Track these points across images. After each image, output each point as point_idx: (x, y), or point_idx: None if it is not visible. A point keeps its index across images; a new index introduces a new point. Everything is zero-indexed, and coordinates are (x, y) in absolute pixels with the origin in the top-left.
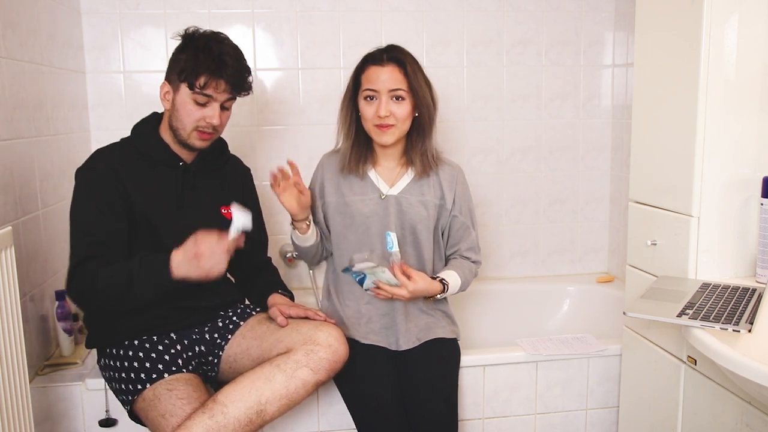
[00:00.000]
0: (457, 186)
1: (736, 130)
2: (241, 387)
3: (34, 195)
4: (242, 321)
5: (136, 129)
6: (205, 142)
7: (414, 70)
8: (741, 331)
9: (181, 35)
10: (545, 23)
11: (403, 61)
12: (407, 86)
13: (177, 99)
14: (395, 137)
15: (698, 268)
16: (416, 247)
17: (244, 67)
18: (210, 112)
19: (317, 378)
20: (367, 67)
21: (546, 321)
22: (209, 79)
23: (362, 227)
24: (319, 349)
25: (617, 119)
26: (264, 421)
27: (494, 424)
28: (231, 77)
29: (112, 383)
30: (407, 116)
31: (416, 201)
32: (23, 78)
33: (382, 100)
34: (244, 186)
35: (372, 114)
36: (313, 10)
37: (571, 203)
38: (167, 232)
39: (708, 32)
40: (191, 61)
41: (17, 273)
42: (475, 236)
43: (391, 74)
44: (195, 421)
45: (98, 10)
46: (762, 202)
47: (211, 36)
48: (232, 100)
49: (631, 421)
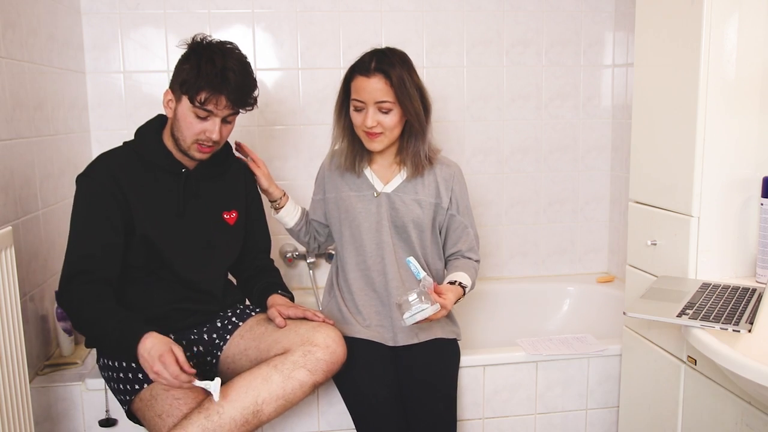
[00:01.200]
0: (455, 184)
1: (736, 130)
2: (238, 387)
3: (34, 195)
4: (241, 322)
5: (140, 133)
6: (204, 155)
7: (402, 80)
8: (741, 331)
9: (188, 43)
10: (545, 23)
11: (388, 72)
12: (393, 98)
13: (179, 109)
14: (384, 145)
15: (698, 268)
16: (407, 244)
17: (249, 82)
18: (210, 127)
19: (314, 379)
20: (354, 76)
21: (546, 321)
22: (210, 95)
23: (355, 222)
24: (316, 350)
25: (617, 119)
26: (260, 422)
27: (494, 424)
28: (233, 93)
29: (110, 383)
30: (395, 125)
31: (410, 199)
32: (23, 78)
33: (369, 111)
34: (248, 189)
35: (360, 123)
36: (313, 10)
37: (571, 203)
38: (167, 241)
39: (708, 32)
40: (193, 74)
41: (17, 273)
42: (474, 235)
43: (377, 86)
44: (191, 421)
45: (98, 10)
46: (762, 202)
47: (217, 47)
48: (234, 115)
49: (631, 421)
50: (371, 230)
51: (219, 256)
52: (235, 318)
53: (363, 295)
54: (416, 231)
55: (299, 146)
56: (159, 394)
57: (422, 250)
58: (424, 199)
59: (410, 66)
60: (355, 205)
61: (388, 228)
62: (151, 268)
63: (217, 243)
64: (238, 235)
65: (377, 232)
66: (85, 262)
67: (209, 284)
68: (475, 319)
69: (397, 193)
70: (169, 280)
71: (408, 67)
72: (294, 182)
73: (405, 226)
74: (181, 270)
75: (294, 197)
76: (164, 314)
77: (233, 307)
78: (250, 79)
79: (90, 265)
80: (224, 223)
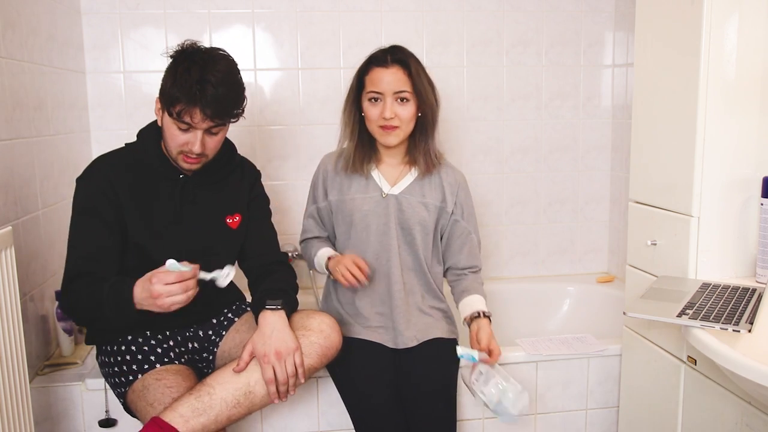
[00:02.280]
0: (460, 190)
1: (736, 130)
2: (230, 370)
3: (34, 195)
4: (237, 317)
5: (141, 135)
6: (193, 166)
7: (418, 72)
8: (741, 331)
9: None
10: (545, 23)
11: (407, 62)
12: (411, 88)
13: (164, 119)
14: (399, 138)
15: (698, 268)
16: (413, 247)
17: (230, 94)
18: (191, 139)
19: (308, 362)
20: (371, 68)
21: (546, 321)
22: (184, 107)
23: (361, 225)
24: (310, 333)
25: (617, 119)
26: (252, 404)
27: (494, 424)
28: (209, 106)
29: (108, 378)
30: (411, 117)
31: (416, 201)
32: (23, 78)
33: (387, 102)
34: (252, 191)
35: (377, 115)
36: (313, 10)
37: (571, 203)
38: (159, 249)
39: (708, 32)
40: (169, 84)
41: (17, 273)
42: (477, 241)
43: (396, 76)
44: (181, 402)
45: (98, 10)
46: (762, 202)
47: (200, 56)
48: (219, 127)
49: (631, 421)
50: (378, 232)
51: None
52: (231, 314)
53: (364, 297)
54: (422, 233)
55: (299, 146)
56: (151, 384)
57: (425, 252)
58: (430, 202)
59: (422, 64)
60: (361, 207)
61: (394, 230)
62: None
63: (217, 249)
64: (241, 239)
65: (384, 234)
66: (85, 264)
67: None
68: None
69: (404, 195)
70: None
71: (421, 64)
72: (294, 182)
73: (411, 229)
74: None
75: (294, 197)
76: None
77: (230, 305)
78: (233, 91)
79: (89, 267)
80: (226, 227)
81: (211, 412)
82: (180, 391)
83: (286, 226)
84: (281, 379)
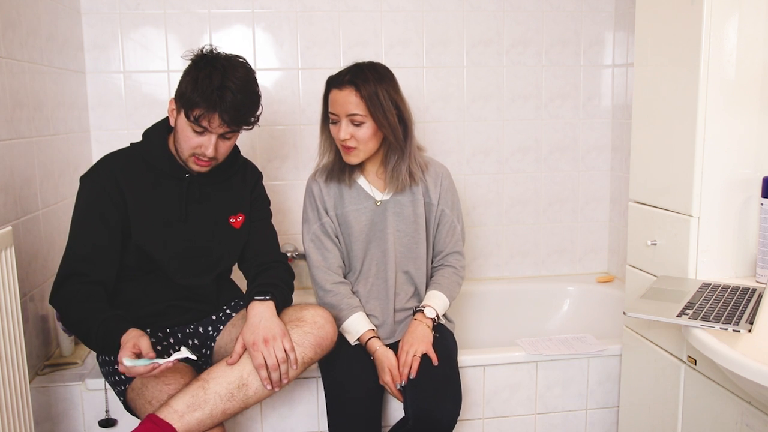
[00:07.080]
0: (443, 181)
1: (736, 130)
2: (224, 364)
3: (34, 195)
4: (234, 313)
5: (147, 135)
6: (202, 168)
7: (373, 93)
8: (741, 331)
9: (195, 54)
10: (545, 23)
11: (359, 84)
12: (365, 110)
13: (178, 121)
14: (360, 158)
15: (698, 268)
16: (413, 247)
17: (248, 101)
18: (206, 142)
19: (303, 353)
20: (330, 89)
21: (546, 321)
22: (203, 112)
23: (362, 236)
24: (304, 324)
25: (617, 119)
26: (247, 396)
27: (494, 424)
28: (227, 112)
29: (108, 377)
30: (370, 138)
31: (407, 201)
32: (23, 78)
33: (342, 123)
34: (253, 192)
35: (335, 136)
36: (313, 10)
37: (571, 203)
38: (162, 249)
39: (708, 32)
40: (190, 88)
41: (17, 273)
42: (461, 230)
43: (348, 98)
44: (176, 398)
45: (98, 10)
46: (762, 202)
47: (221, 62)
48: (233, 132)
49: (631, 421)
50: (377, 239)
51: (218, 261)
52: (229, 310)
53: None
54: (420, 232)
55: (299, 146)
56: (149, 382)
57: (423, 249)
58: (419, 199)
59: (389, 81)
60: (358, 219)
61: (393, 234)
62: (148, 270)
63: (219, 248)
64: (243, 239)
65: (383, 240)
66: (80, 264)
67: (205, 289)
68: (475, 319)
69: (396, 198)
70: (166, 280)
71: (386, 81)
72: (294, 182)
73: (407, 230)
74: (175, 276)
75: (294, 197)
76: (162, 311)
77: (229, 302)
78: (251, 99)
79: (84, 268)
80: (230, 227)
81: (205, 407)
82: (178, 388)
83: (287, 226)
84: (271, 364)
